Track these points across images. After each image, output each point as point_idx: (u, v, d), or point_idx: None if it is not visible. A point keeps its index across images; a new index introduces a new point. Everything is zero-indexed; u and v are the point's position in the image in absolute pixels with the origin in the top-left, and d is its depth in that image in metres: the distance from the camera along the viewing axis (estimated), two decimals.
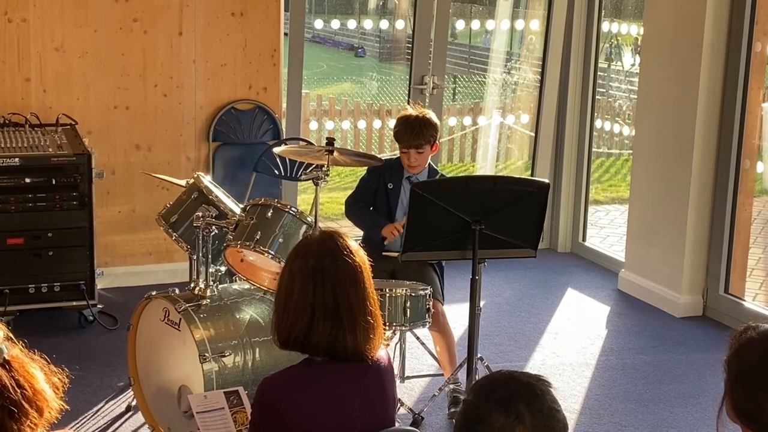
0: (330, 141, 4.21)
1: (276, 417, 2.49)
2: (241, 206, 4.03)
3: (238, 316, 3.79)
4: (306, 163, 5.53)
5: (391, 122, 8.86)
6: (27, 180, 5.07)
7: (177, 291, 3.84)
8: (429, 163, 4.69)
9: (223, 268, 4.06)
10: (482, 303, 4.35)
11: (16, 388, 1.87)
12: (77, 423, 4.21)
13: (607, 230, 8.06)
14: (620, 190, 9.38)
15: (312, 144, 6.06)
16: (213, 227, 3.87)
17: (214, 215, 3.91)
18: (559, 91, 6.91)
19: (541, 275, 6.44)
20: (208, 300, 3.77)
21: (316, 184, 4.12)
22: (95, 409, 4.36)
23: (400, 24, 9.69)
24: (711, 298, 5.72)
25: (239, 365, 3.68)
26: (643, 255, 6.02)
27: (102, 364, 4.79)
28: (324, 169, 4.12)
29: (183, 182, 4.43)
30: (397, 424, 2.75)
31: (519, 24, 7.93)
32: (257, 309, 3.84)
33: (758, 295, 6.22)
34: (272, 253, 3.73)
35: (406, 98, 6.83)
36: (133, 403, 4.22)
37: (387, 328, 3.96)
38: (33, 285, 5.12)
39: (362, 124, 9.35)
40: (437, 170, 4.77)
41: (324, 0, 11.95)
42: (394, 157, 4.74)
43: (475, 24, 9.24)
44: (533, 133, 7.20)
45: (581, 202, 6.92)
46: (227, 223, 3.87)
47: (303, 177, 4.61)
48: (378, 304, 2.60)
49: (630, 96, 9.89)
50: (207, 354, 3.61)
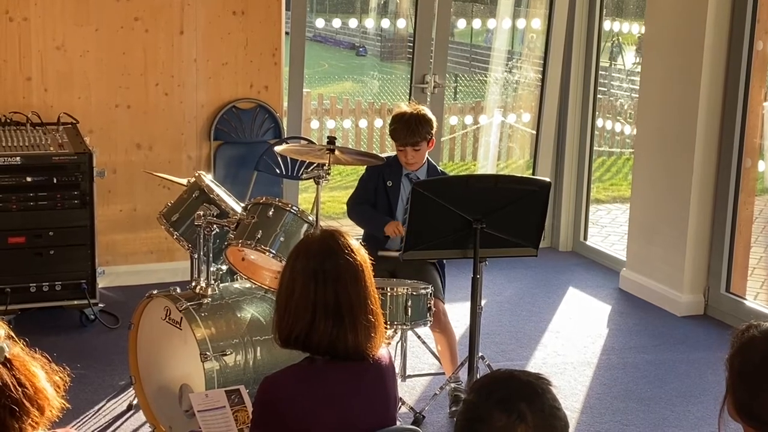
0: (331, 140, 4.21)
1: (277, 416, 2.49)
2: (243, 205, 4.03)
3: (240, 315, 3.79)
4: (307, 162, 5.51)
5: None
6: (28, 179, 5.08)
7: (178, 290, 3.84)
8: (428, 159, 4.68)
9: (225, 267, 4.06)
10: (483, 302, 4.34)
11: (17, 387, 1.87)
12: (78, 421, 4.21)
13: (609, 229, 8.06)
14: (621, 189, 9.38)
15: (313, 143, 6.06)
16: (214, 226, 3.87)
17: (216, 214, 3.91)
18: (561, 90, 6.91)
19: (543, 274, 6.44)
20: (210, 299, 3.77)
21: (318, 183, 4.12)
22: (96, 408, 4.37)
23: (402, 23, 9.69)
24: (712, 297, 5.72)
25: (240, 364, 3.69)
26: (645, 254, 6.01)
27: (103, 363, 4.79)
28: (325, 168, 4.12)
29: (184, 181, 4.43)
30: (398, 423, 2.75)
31: (520, 23, 7.93)
32: (258, 308, 3.84)
33: (759, 294, 6.21)
34: (273, 252, 3.73)
35: (408, 97, 6.83)
36: (135, 402, 4.22)
37: (388, 327, 3.95)
38: (34, 284, 5.12)
39: (363, 123, 9.36)
40: (436, 166, 4.76)
41: None
42: (393, 155, 4.73)
43: (477, 23, 9.24)
44: (534, 132, 7.19)
45: (582, 201, 6.91)
46: (228, 222, 3.87)
47: (304, 176, 4.60)
48: (379, 303, 2.60)
49: (631, 95, 9.89)
50: (208, 353, 3.61)
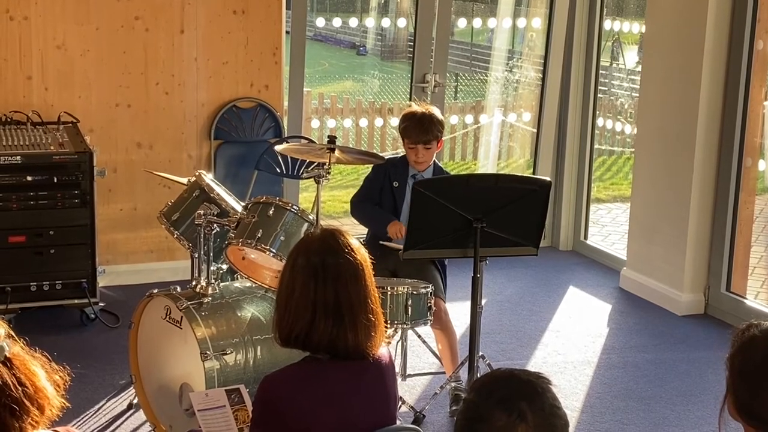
0: (332, 139, 4.21)
1: (277, 415, 2.49)
2: (243, 204, 4.03)
3: (240, 314, 3.79)
4: (307, 162, 5.52)
5: (393, 120, 8.88)
6: (29, 178, 5.07)
7: (178, 289, 3.84)
8: (434, 161, 4.68)
9: (225, 266, 4.06)
10: (484, 301, 4.34)
11: (18, 386, 1.87)
12: (79, 420, 4.21)
13: (609, 228, 8.06)
14: (622, 189, 9.38)
15: (314, 142, 6.06)
16: (214, 225, 3.87)
17: (216, 213, 3.91)
18: (561, 89, 6.90)
19: (543, 273, 6.44)
20: (210, 298, 3.77)
21: (318, 183, 4.12)
22: (97, 407, 4.37)
23: (402, 22, 9.69)
24: (713, 296, 5.72)
25: (240, 363, 3.69)
26: (645, 253, 6.01)
27: (103, 362, 4.79)
28: (326, 168, 4.12)
29: (185, 180, 4.43)
30: (399, 422, 2.75)
31: (521, 22, 7.93)
32: (259, 307, 3.84)
33: (760, 293, 6.21)
34: (274, 251, 3.73)
35: (408, 96, 6.83)
36: (135, 401, 4.22)
37: (388, 326, 3.96)
38: (35, 283, 5.12)
39: (364, 123, 9.36)
40: (442, 168, 4.76)
41: None
42: (399, 156, 4.73)
43: (477, 22, 9.24)
44: (535, 131, 7.19)
45: (583, 200, 6.91)
46: (229, 221, 3.87)
47: (304, 175, 4.60)
48: (379, 302, 2.60)
49: (632, 94, 9.89)
50: (208, 352, 3.61)
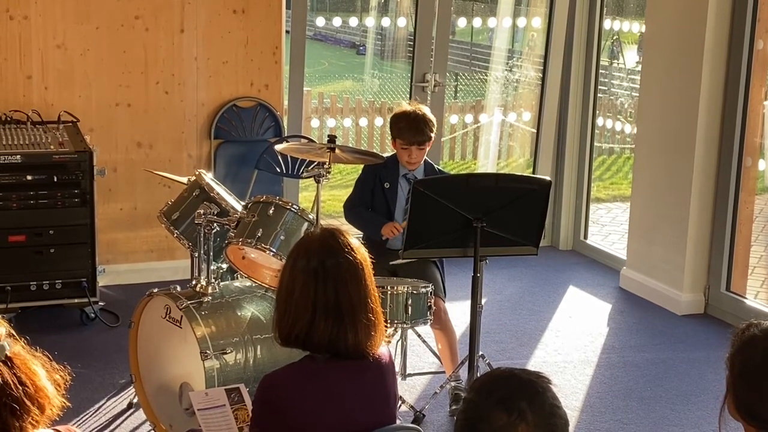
0: (331, 138, 4.21)
1: (277, 414, 2.49)
2: (243, 204, 4.03)
3: (240, 314, 3.79)
4: (307, 161, 5.52)
5: None
6: (28, 177, 5.07)
7: (178, 288, 3.84)
8: (426, 159, 4.68)
9: (225, 266, 4.06)
10: (484, 300, 4.34)
11: (18, 385, 1.87)
12: (79, 420, 4.21)
13: (609, 228, 8.06)
14: (622, 188, 9.38)
15: (313, 141, 6.06)
16: (214, 224, 3.87)
17: (216, 213, 3.91)
18: (561, 89, 6.90)
19: (543, 273, 6.44)
20: (210, 297, 3.77)
21: (318, 182, 4.12)
22: (97, 406, 4.37)
23: (402, 21, 9.67)
24: (713, 296, 5.72)
25: (240, 362, 3.69)
26: (645, 253, 6.01)
27: (103, 362, 4.79)
28: (325, 167, 4.12)
29: (184, 179, 4.42)
30: (398, 422, 2.75)
31: (521, 21, 7.93)
32: (258, 306, 3.84)
33: (760, 293, 6.21)
34: (274, 251, 3.73)
35: (408, 96, 6.83)
36: (135, 401, 4.22)
37: (388, 326, 3.96)
38: (34, 282, 5.12)
39: (364, 122, 9.36)
40: (433, 165, 4.75)
41: None
42: (389, 156, 4.72)
43: (477, 21, 9.24)
44: (535, 131, 7.19)
45: (583, 200, 6.91)
46: (229, 221, 3.87)
47: (304, 174, 4.60)
48: (379, 302, 2.60)
49: (632, 94, 9.89)
50: (208, 351, 3.61)
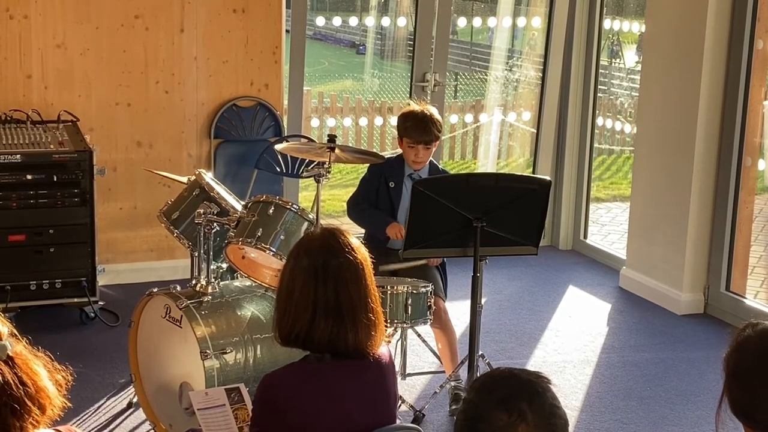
0: (331, 138, 4.20)
1: (277, 414, 2.49)
2: (243, 203, 4.03)
3: (240, 313, 3.79)
4: (307, 160, 5.53)
5: (393, 119, 8.86)
6: (28, 177, 5.07)
7: (178, 288, 3.84)
8: (431, 160, 4.69)
9: (225, 265, 4.06)
10: (484, 300, 4.34)
11: (19, 385, 1.87)
12: (78, 419, 4.21)
13: (609, 228, 8.06)
14: (621, 188, 9.38)
15: (313, 141, 6.06)
16: (214, 224, 3.87)
17: (216, 212, 3.91)
18: (561, 89, 6.90)
19: (543, 272, 6.44)
20: (210, 297, 3.77)
21: (318, 182, 4.12)
22: (96, 406, 4.37)
23: (402, 21, 9.67)
24: (712, 296, 5.72)
25: (240, 362, 3.69)
26: (645, 252, 6.01)
27: (103, 361, 4.79)
28: (325, 167, 4.12)
29: (184, 179, 4.43)
30: (398, 421, 2.75)
31: (521, 21, 7.93)
32: (258, 306, 3.84)
33: (759, 293, 6.21)
34: (274, 250, 3.73)
35: (408, 95, 6.83)
36: (135, 400, 4.22)
37: (388, 325, 3.96)
38: (34, 282, 5.12)
39: (364, 122, 9.35)
40: (438, 166, 4.76)
41: None
42: (395, 156, 4.73)
43: (477, 21, 9.24)
44: (535, 131, 7.19)
45: (582, 200, 6.91)
46: (229, 220, 3.87)
47: (304, 174, 4.60)
48: (379, 301, 2.60)
49: (631, 93, 9.89)
50: (208, 351, 3.61)
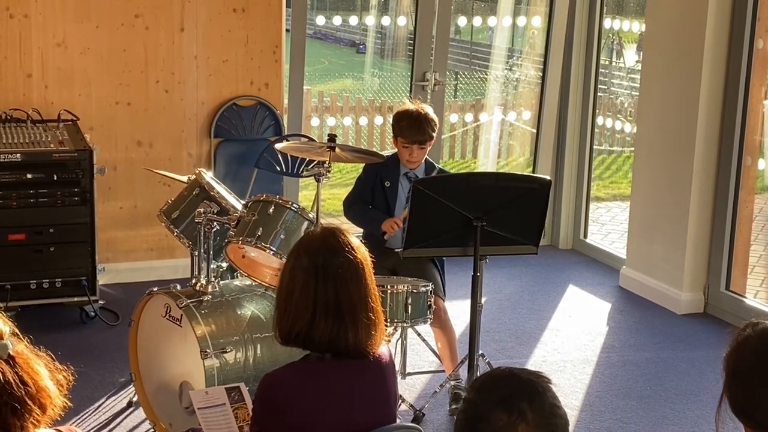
0: (332, 137, 4.20)
1: (277, 413, 2.49)
2: (243, 202, 4.03)
3: (240, 312, 3.79)
4: (307, 160, 5.53)
5: None
6: (28, 176, 5.07)
7: (178, 287, 3.84)
8: (426, 158, 4.68)
9: (225, 264, 4.06)
10: (483, 299, 4.34)
11: (20, 385, 1.87)
12: (78, 418, 4.21)
13: (609, 227, 8.06)
14: (621, 187, 9.38)
15: (313, 140, 6.06)
16: (214, 223, 3.87)
17: (216, 211, 3.91)
18: (561, 88, 6.90)
19: (543, 272, 6.44)
20: (210, 296, 3.77)
21: (318, 181, 4.12)
22: (96, 405, 4.37)
23: (402, 20, 9.67)
24: (712, 295, 5.72)
25: (240, 361, 3.69)
26: (645, 252, 6.01)
27: (103, 360, 4.79)
28: (326, 166, 4.12)
29: (184, 178, 4.43)
30: (398, 421, 2.75)
31: (521, 20, 7.92)
32: (259, 305, 3.84)
33: (759, 292, 6.21)
34: (274, 250, 3.73)
35: (408, 95, 6.82)
36: (135, 399, 4.22)
37: (388, 325, 3.96)
38: (34, 281, 5.12)
39: (364, 121, 9.35)
40: (434, 164, 4.75)
41: None
42: (390, 155, 4.72)
43: (477, 20, 9.24)
44: (535, 130, 7.19)
45: (582, 199, 6.91)
46: (229, 220, 3.87)
47: (305, 173, 4.61)
48: (379, 301, 2.60)
49: (631, 93, 9.88)
50: (208, 350, 3.61)
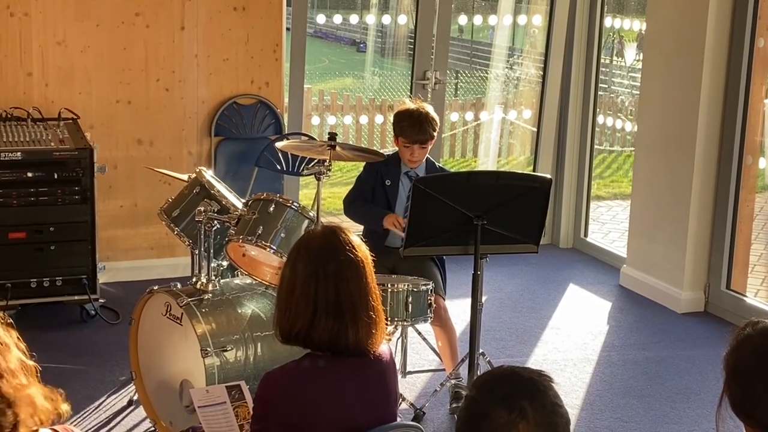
0: (332, 136, 4.20)
1: (278, 411, 2.49)
2: (243, 201, 4.03)
3: (240, 311, 3.79)
4: (308, 158, 5.53)
5: None
6: (29, 174, 5.08)
7: (179, 285, 3.84)
8: (427, 156, 4.68)
9: (225, 263, 4.06)
10: (484, 298, 4.34)
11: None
12: (79, 417, 4.21)
13: (609, 226, 8.06)
14: (622, 186, 9.38)
15: (314, 139, 6.06)
16: (215, 222, 3.87)
17: (216, 210, 3.91)
18: (562, 87, 6.90)
19: (543, 271, 6.44)
20: (210, 294, 3.77)
21: (318, 179, 4.11)
22: (97, 404, 4.37)
23: (403, 19, 9.66)
24: (713, 294, 5.72)
25: (241, 360, 3.69)
26: (645, 251, 6.01)
27: (104, 359, 4.80)
28: (326, 164, 4.12)
29: (185, 177, 4.43)
30: (399, 419, 2.75)
31: (522, 19, 7.92)
32: (259, 304, 3.84)
33: (760, 291, 6.22)
34: (274, 248, 3.73)
35: (408, 93, 6.82)
36: (135, 398, 4.22)
37: (389, 323, 3.95)
38: (35, 279, 5.12)
39: (364, 119, 9.35)
40: (435, 163, 4.75)
41: None
42: (391, 154, 4.72)
43: (478, 19, 9.23)
44: (535, 129, 7.19)
45: (583, 198, 6.91)
46: (229, 218, 3.87)
47: (305, 172, 4.61)
48: (380, 299, 2.60)
49: (632, 92, 9.88)
50: (209, 348, 3.61)
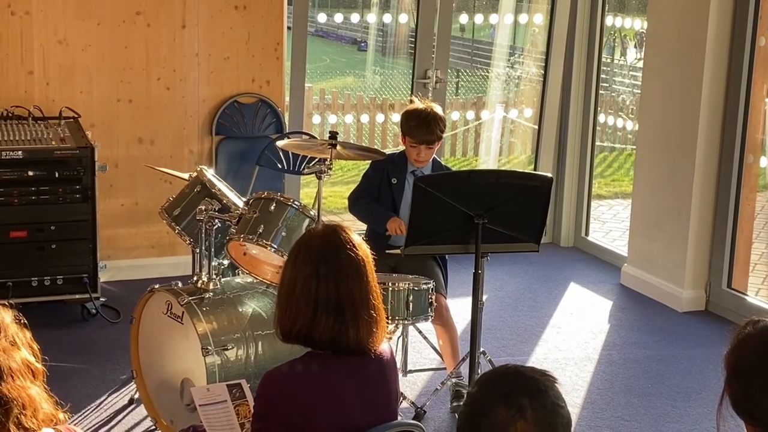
0: (333, 135, 4.20)
1: (278, 410, 2.49)
2: (244, 200, 4.03)
3: (241, 310, 3.79)
4: (309, 157, 5.53)
5: (395, 116, 8.86)
6: (30, 173, 5.08)
7: (180, 284, 3.85)
8: (434, 157, 4.68)
9: (226, 262, 4.06)
10: (485, 297, 4.34)
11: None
12: (80, 416, 4.22)
13: (610, 225, 8.06)
14: (623, 185, 9.37)
15: (315, 138, 6.06)
16: (216, 221, 3.88)
17: (217, 209, 3.91)
18: (563, 86, 6.90)
19: (544, 270, 6.44)
20: (211, 293, 3.77)
21: (319, 178, 4.11)
22: (98, 402, 4.37)
23: (404, 18, 9.66)
24: (714, 293, 5.72)
25: (242, 358, 3.69)
26: (646, 249, 6.01)
27: (105, 357, 4.80)
28: (327, 163, 4.11)
29: (186, 176, 4.43)
30: (400, 418, 2.75)
31: (522, 18, 7.91)
32: (260, 302, 3.84)
33: (761, 290, 6.21)
34: (275, 247, 3.73)
35: (409, 92, 6.82)
36: (136, 396, 4.23)
37: (390, 322, 3.95)
38: (36, 278, 5.12)
39: (365, 118, 9.35)
40: (441, 163, 4.75)
41: None
42: (398, 152, 4.72)
43: (479, 18, 9.22)
44: (536, 128, 7.19)
45: (584, 197, 6.91)
46: (230, 217, 3.87)
47: (306, 171, 4.60)
48: (381, 298, 2.60)
49: (633, 90, 9.88)
50: (210, 347, 3.61)
